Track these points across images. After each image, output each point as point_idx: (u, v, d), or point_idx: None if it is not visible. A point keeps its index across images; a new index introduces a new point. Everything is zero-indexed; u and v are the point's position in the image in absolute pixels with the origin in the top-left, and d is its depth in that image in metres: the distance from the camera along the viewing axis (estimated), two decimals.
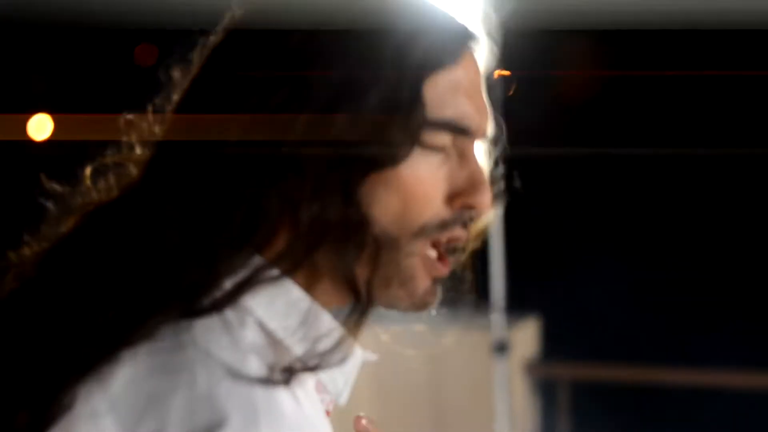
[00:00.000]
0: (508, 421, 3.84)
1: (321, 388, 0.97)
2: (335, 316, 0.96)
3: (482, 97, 1.00)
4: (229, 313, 0.89)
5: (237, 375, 0.86)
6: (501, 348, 3.75)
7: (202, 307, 0.89)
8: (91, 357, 0.88)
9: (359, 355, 0.99)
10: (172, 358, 0.87)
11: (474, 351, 4.21)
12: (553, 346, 4.48)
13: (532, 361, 4.41)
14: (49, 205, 0.99)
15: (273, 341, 0.91)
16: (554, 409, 4.35)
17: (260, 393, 0.86)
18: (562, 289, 4.30)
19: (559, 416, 4.33)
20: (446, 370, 4.38)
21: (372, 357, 1.02)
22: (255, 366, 0.87)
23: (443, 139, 0.95)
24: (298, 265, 0.92)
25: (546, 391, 4.42)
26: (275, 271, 0.91)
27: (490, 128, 1.02)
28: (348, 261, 0.92)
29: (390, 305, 0.99)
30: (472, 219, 0.99)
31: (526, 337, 4.43)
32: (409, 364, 4.43)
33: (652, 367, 4.27)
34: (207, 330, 0.88)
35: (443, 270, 1.00)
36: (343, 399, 1.00)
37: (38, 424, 0.88)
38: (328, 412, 0.99)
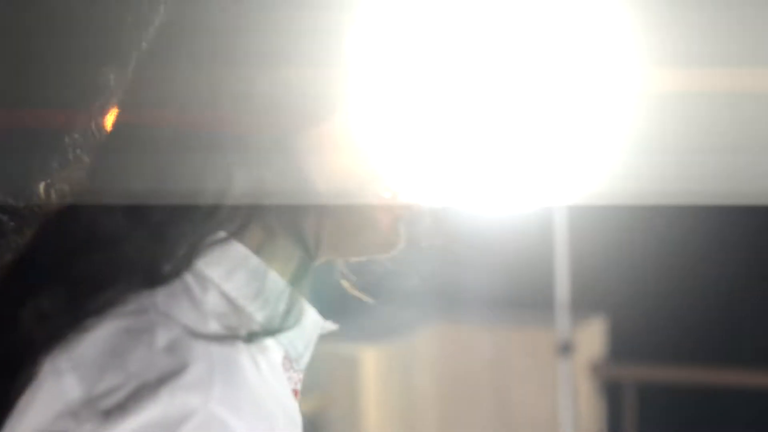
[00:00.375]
0: (573, 423, 3.81)
1: (288, 365, 1.00)
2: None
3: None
4: (191, 282, 0.94)
5: (197, 334, 0.90)
6: (566, 348, 3.72)
7: (161, 275, 0.93)
8: (58, 330, 0.93)
9: (319, 321, 1.02)
10: (134, 321, 0.91)
11: (538, 351, 4.19)
12: (619, 346, 4.43)
13: (597, 362, 4.37)
14: (5, 218, 1.03)
15: (235, 308, 0.94)
16: (620, 411, 4.31)
17: (218, 350, 0.90)
18: (630, 288, 4.26)
19: (625, 419, 4.29)
20: (510, 371, 4.36)
21: (333, 327, 1.04)
22: (215, 328, 0.91)
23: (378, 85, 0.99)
24: (244, 227, 0.95)
25: (612, 393, 4.37)
26: (222, 234, 0.95)
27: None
28: (296, 218, 0.96)
29: (360, 253, 1.02)
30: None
31: (592, 337, 4.39)
32: (473, 364, 4.43)
33: (720, 369, 4.21)
34: (169, 296, 0.93)
35: (402, 206, 1.01)
36: (303, 362, 1.01)
37: (8, 397, 0.92)
38: (296, 392, 1.01)
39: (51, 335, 0.92)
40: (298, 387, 1.02)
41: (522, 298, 4.34)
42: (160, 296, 0.92)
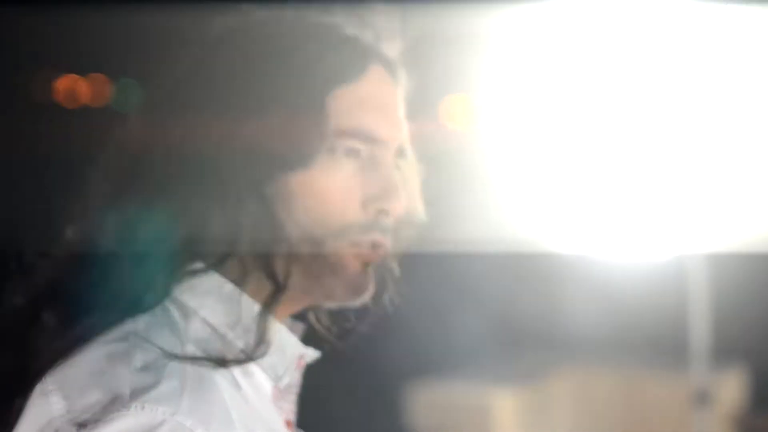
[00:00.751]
0: None
1: (279, 396, 1.06)
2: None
3: (392, 109, 1.08)
4: (173, 310, 1.01)
5: (172, 356, 0.96)
6: (703, 398, 3.63)
7: (143, 304, 1.01)
8: (51, 356, 1.01)
9: (300, 347, 1.07)
10: (115, 347, 0.99)
11: (676, 400, 4.10)
12: (760, 397, 4.31)
13: (738, 413, 4.25)
14: (39, 262, 1.10)
15: (217, 335, 1.01)
16: None
17: (193, 369, 0.96)
18: None
19: None
20: (646, 419, 4.28)
21: (315, 354, 1.09)
22: (191, 351, 0.98)
23: (354, 146, 1.04)
24: (222, 260, 1.02)
25: None
26: (200, 265, 1.02)
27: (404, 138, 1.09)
28: (267, 256, 1.02)
29: (328, 297, 1.07)
30: (390, 225, 1.06)
31: (732, 386, 4.28)
32: (606, 411, 4.36)
33: None
34: (150, 324, 1.00)
35: (372, 256, 1.06)
36: (283, 383, 1.06)
37: (9, 424, 1.01)
38: (289, 422, 1.07)
39: (44, 361, 1.01)
40: (291, 418, 1.08)
41: (659, 346, 4.26)
42: (142, 324, 1.00)
